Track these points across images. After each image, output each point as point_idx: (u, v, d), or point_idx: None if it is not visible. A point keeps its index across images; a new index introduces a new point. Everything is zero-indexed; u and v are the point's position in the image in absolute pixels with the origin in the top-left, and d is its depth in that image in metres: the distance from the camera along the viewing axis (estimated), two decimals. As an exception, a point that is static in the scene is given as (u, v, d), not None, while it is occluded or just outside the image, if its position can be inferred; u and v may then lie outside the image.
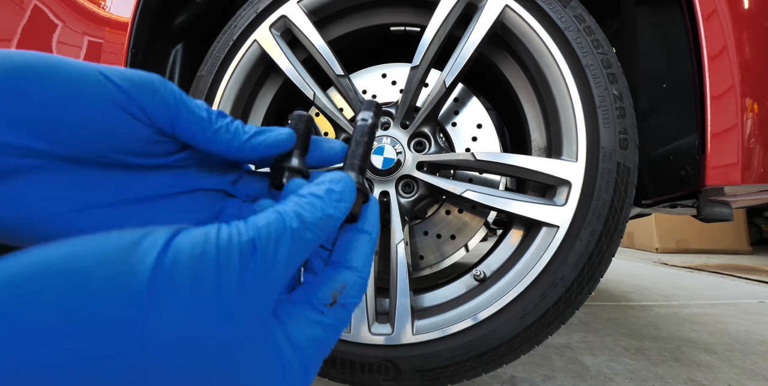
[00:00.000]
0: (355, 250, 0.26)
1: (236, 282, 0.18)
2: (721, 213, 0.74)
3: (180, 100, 0.24)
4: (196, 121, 0.24)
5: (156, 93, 0.23)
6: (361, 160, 0.29)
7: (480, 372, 0.68)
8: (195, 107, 0.25)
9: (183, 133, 0.24)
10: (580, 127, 0.67)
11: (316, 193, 0.23)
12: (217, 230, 0.19)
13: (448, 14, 0.71)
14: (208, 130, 0.25)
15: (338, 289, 0.24)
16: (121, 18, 0.84)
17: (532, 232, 0.71)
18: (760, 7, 0.68)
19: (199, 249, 0.17)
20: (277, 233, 0.20)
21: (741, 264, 3.41)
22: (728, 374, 1.06)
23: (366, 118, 0.31)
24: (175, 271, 0.16)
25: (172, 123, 0.24)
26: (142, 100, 0.23)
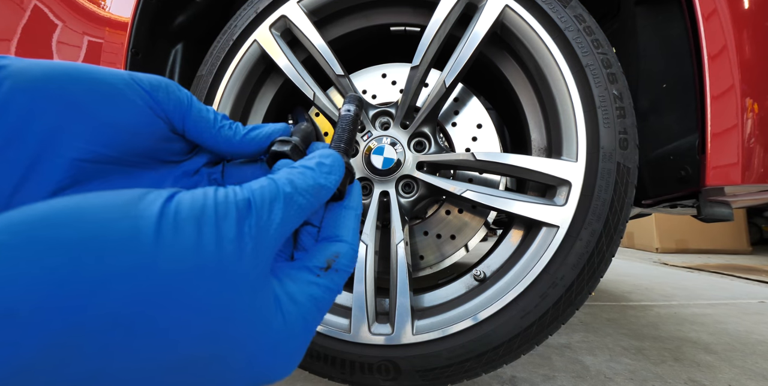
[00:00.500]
0: (344, 225, 0.28)
1: (234, 233, 0.19)
2: (721, 213, 0.74)
3: (190, 102, 0.28)
4: (203, 120, 0.28)
5: (172, 94, 0.27)
6: (346, 144, 0.31)
7: (480, 372, 0.68)
8: (202, 108, 0.28)
9: (191, 130, 0.28)
10: (580, 127, 0.67)
11: (307, 165, 0.24)
12: (215, 190, 0.20)
13: (448, 14, 0.71)
14: (213, 128, 0.28)
15: (332, 258, 0.26)
16: (121, 18, 0.84)
17: (532, 232, 0.71)
18: (760, 7, 0.68)
19: (200, 203, 0.19)
20: (271, 195, 0.21)
21: (741, 264, 3.41)
22: (728, 374, 1.06)
23: (349, 109, 0.34)
24: (178, 218, 0.17)
25: (183, 121, 0.27)
26: (162, 101, 0.26)
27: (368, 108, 0.80)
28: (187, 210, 0.18)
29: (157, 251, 0.16)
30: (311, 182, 0.23)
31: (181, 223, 0.17)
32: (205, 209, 0.18)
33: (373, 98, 0.93)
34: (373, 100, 0.93)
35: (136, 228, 0.16)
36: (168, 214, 0.17)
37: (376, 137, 0.77)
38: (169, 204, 0.18)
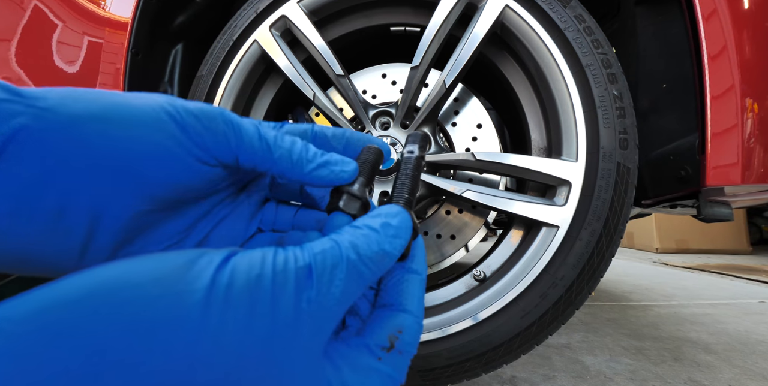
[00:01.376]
0: (408, 292, 0.24)
1: (291, 307, 0.17)
2: (721, 213, 0.74)
3: (239, 135, 0.24)
4: (259, 152, 0.24)
5: (220, 136, 0.23)
6: (410, 193, 0.27)
7: (480, 372, 0.68)
8: (254, 137, 0.24)
9: (247, 164, 0.24)
10: (580, 127, 0.67)
11: (372, 226, 0.21)
12: (274, 253, 0.18)
13: (448, 14, 0.71)
14: (268, 161, 0.24)
15: (395, 334, 0.22)
16: (121, 18, 0.84)
17: (532, 232, 0.71)
18: (760, 7, 0.68)
19: (256, 271, 0.17)
20: (333, 261, 0.19)
21: (741, 264, 3.41)
22: (728, 374, 1.06)
23: (413, 150, 0.29)
24: (230, 290, 0.16)
25: (237, 159, 0.24)
26: (211, 147, 0.23)
27: (368, 108, 0.80)
28: (241, 281, 0.16)
29: (202, 331, 0.15)
30: (376, 248, 0.20)
31: (233, 299, 0.16)
32: (262, 279, 0.17)
33: (373, 98, 0.93)
34: (373, 100, 0.93)
35: (181, 305, 0.15)
36: (219, 287, 0.16)
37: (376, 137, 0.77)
38: (221, 273, 0.16)
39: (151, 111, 0.22)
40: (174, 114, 0.22)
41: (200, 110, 0.23)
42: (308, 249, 0.19)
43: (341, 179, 0.26)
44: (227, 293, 0.16)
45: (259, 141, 0.24)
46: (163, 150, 0.22)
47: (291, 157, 0.24)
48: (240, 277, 0.16)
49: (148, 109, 0.22)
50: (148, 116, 0.22)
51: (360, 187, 0.27)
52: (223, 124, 0.23)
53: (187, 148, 0.22)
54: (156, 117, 0.22)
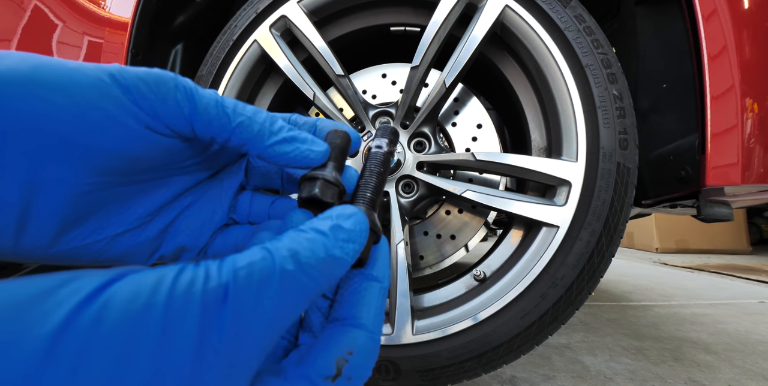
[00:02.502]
0: (364, 303, 0.21)
1: (192, 346, 0.13)
2: (721, 213, 0.74)
3: (193, 101, 0.21)
4: (212, 120, 0.21)
5: (170, 100, 0.21)
6: (373, 193, 0.24)
7: (480, 372, 0.68)
8: (210, 104, 0.21)
9: (201, 133, 0.22)
10: (580, 127, 0.67)
11: (320, 229, 0.18)
12: (177, 273, 0.14)
13: (448, 14, 0.71)
14: (227, 129, 0.22)
15: (344, 356, 0.19)
16: (121, 18, 0.84)
17: (532, 232, 0.71)
18: (760, 7, 0.68)
19: (142, 301, 0.12)
20: (262, 276, 0.15)
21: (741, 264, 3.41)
22: (728, 374, 1.06)
23: (381, 145, 0.27)
24: (94, 333, 0.12)
25: (192, 128, 0.21)
26: (161, 113, 0.21)
27: (368, 108, 0.80)
28: (115, 318, 0.12)
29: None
30: (322, 254, 0.17)
31: (94, 345, 0.11)
32: (149, 312, 0.12)
33: (373, 98, 0.93)
34: (373, 100, 0.93)
35: (13, 361, 0.11)
36: (76, 328, 0.11)
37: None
38: (87, 308, 0.12)
39: (92, 73, 0.19)
40: (118, 76, 0.20)
41: (148, 73, 0.21)
42: (229, 263, 0.15)
43: (308, 159, 0.23)
44: (88, 337, 0.11)
45: (216, 107, 0.21)
46: (104, 115, 0.19)
47: (252, 126, 0.22)
48: (114, 312, 0.12)
49: (88, 71, 0.19)
50: (86, 78, 0.19)
51: (333, 171, 0.24)
52: (174, 88, 0.21)
53: (132, 114, 0.20)
54: (96, 78, 0.19)
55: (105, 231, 0.23)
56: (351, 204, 0.22)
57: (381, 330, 0.21)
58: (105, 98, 0.19)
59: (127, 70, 0.20)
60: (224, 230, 0.28)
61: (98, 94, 0.19)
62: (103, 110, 0.19)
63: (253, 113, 0.22)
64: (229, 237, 0.28)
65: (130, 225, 0.24)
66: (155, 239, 0.25)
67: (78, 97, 0.19)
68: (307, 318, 0.22)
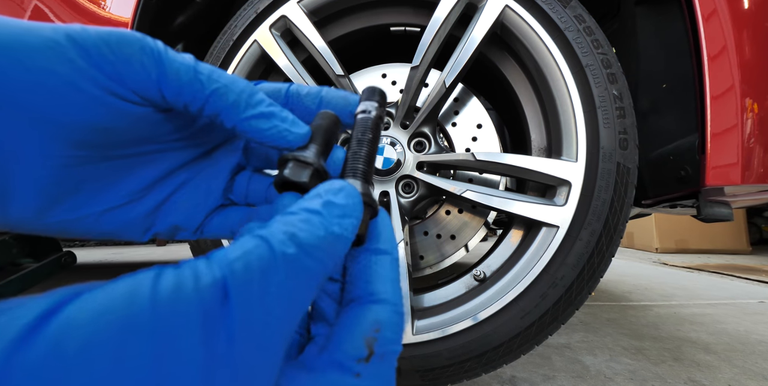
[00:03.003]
0: (378, 277, 0.19)
1: (199, 368, 0.11)
2: (721, 213, 0.74)
3: (159, 59, 0.19)
4: (183, 86, 0.19)
5: (136, 63, 0.19)
6: (365, 163, 0.22)
7: (480, 372, 0.68)
8: (180, 69, 0.19)
9: (172, 100, 0.20)
10: (580, 127, 0.67)
11: (311, 208, 0.16)
12: (154, 277, 0.11)
13: (448, 14, 0.71)
14: (200, 97, 0.20)
15: (371, 334, 0.17)
16: (121, 18, 0.84)
17: (532, 232, 0.71)
18: (760, 7, 0.68)
19: (116, 320, 0.10)
20: (262, 265, 0.13)
21: (741, 264, 3.41)
22: (728, 374, 1.06)
23: (368, 109, 0.23)
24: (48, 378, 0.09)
25: (160, 91, 0.19)
26: (127, 78, 0.19)
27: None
28: (77, 347, 0.09)
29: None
30: (322, 233, 0.16)
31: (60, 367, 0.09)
32: (131, 330, 0.10)
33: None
34: (373, 100, 0.93)
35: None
36: (9, 369, 0.09)
37: (376, 137, 0.77)
38: (42, 331, 0.09)
39: (46, 33, 0.17)
40: (76, 37, 0.18)
41: (110, 33, 0.18)
42: (219, 257, 0.13)
43: (285, 140, 0.21)
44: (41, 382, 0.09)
45: (188, 72, 0.19)
46: (61, 80, 0.17)
47: (227, 95, 0.20)
48: (74, 341, 0.09)
49: (42, 31, 0.17)
50: (38, 38, 0.17)
51: (312, 152, 0.21)
52: (140, 50, 0.19)
53: (93, 78, 0.18)
54: (50, 39, 0.17)
55: (93, 206, 0.22)
56: (340, 179, 0.20)
57: (402, 301, 0.20)
58: (61, 61, 0.17)
59: (87, 30, 0.18)
60: (221, 211, 0.27)
61: (53, 56, 0.17)
62: (59, 75, 0.17)
63: (230, 81, 0.20)
64: (226, 219, 0.27)
65: (119, 201, 0.23)
66: (148, 216, 0.25)
67: (28, 60, 0.17)
68: (317, 307, 0.21)
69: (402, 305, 0.19)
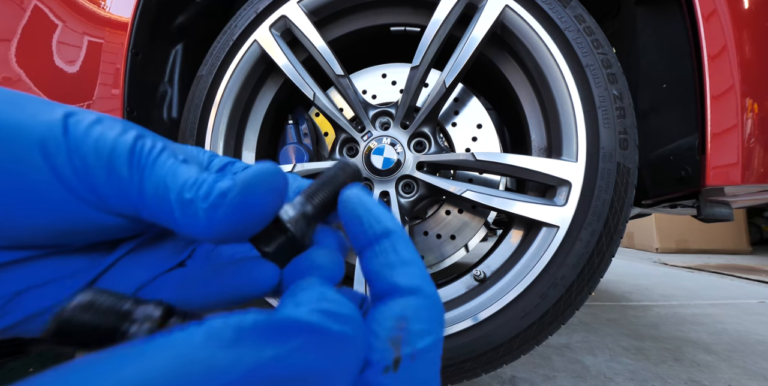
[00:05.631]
0: (385, 267, 0.17)
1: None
2: (721, 213, 0.74)
3: (141, 188, 0.17)
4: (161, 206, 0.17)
5: (114, 178, 0.16)
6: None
7: (480, 372, 0.68)
8: (159, 186, 0.17)
9: (146, 215, 0.17)
10: (580, 127, 0.67)
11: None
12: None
13: (448, 14, 0.71)
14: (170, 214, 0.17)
15: (396, 332, 0.15)
16: (121, 18, 0.84)
17: (532, 232, 0.71)
18: (760, 7, 0.68)
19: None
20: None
21: (741, 264, 3.41)
22: (728, 374, 1.06)
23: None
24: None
25: (137, 212, 0.17)
26: (105, 195, 0.17)
27: (368, 108, 0.80)
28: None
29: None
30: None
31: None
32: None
33: (373, 98, 0.93)
34: (373, 100, 0.93)
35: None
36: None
37: (376, 137, 0.77)
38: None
39: (42, 129, 0.16)
40: (46, 141, 0.16)
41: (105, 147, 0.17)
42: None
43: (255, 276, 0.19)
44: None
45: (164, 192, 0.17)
46: (39, 179, 0.16)
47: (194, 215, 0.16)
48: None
49: (40, 124, 0.16)
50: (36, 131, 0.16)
51: (294, 213, 0.19)
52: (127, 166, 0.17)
53: (74, 188, 0.16)
54: (44, 137, 0.16)
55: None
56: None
57: (428, 281, 0.17)
58: (41, 162, 0.16)
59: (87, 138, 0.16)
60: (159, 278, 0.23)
61: (35, 154, 0.16)
62: (36, 173, 0.16)
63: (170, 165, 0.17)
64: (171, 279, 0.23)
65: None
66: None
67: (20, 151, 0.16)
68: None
69: (430, 286, 0.16)
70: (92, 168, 0.16)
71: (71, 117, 0.17)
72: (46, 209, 0.16)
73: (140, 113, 0.87)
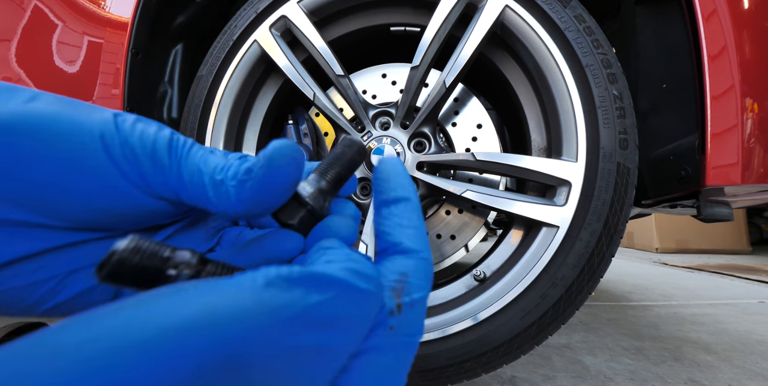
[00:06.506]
0: (396, 227, 0.20)
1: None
2: (721, 213, 0.74)
3: (180, 171, 0.20)
4: (196, 189, 0.20)
5: (158, 170, 0.20)
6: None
7: (480, 372, 0.68)
8: (194, 171, 0.20)
9: (186, 198, 0.21)
10: (580, 127, 0.67)
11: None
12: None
13: (448, 14, 0.71)
14: (205, 196, 0.20)
15: (398, 284, 0.18)
16: (121, 18, 0.84)
17: (532, 232, 0.71)
18: (760, 7, 0.68)
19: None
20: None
21: (741, 264, 3.41)
22: (728, 374, 1.06)
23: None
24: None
25: (178, 195, 0.20)
26: (156, 186, 0.20)
27: (368, 108, 0.80)
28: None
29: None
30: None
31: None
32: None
33: (373, 98, 0.93)
34: (373, 100, 0.93)
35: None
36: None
37: (376, 137, 0.77)
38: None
39: (87, 125, 0.19)
40: (105, 134, 0.19)
41: (149, 144, 0.20)
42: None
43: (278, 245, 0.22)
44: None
45: (200, 175, 0.20)
46: (95, 163, 0.19)
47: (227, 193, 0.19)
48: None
49: (82, 121, 0.19)
50: (78, 127, 0.19)
51: (312, 188, 0.22)
52: (167, 157, 0.20)
53: (127, 179, 0.20)
54: (87, 130, 0.19)
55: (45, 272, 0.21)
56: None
57: (427, 246, 0.20)
58: (97, 150, 0.19)
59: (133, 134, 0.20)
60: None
61: (91, 145, 0.19)
62: (92, 158, 0.19)
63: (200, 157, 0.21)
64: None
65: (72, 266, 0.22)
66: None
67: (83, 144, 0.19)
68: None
69: (427, 250, 0.20)
70: (140, 156, 0.19)
71: (119, 116, 0.20)
72: (105, 192, 0.19)
73: (140, 113, 0.87)
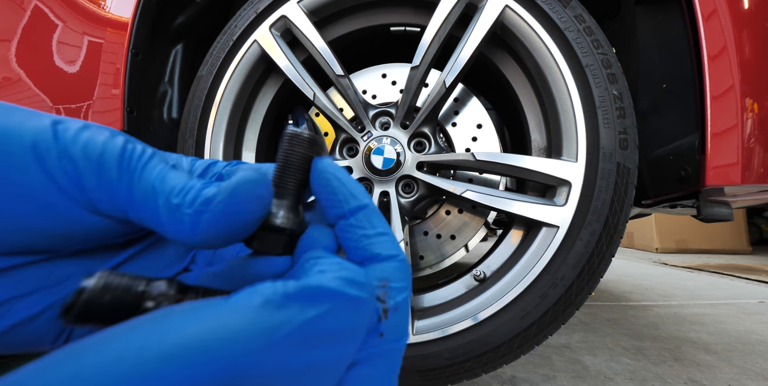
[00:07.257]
0: (362, 237, 0.20)
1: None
2: (721, 213, 0.74)
3: (130, 188, 0.18)
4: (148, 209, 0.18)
5: (105, 182, 0.17)
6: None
7: (480, 372, 0.68)
8: (148, 189, 0.18)
9: (135, 218, 0.18)
10: (580, 128, 0.67)
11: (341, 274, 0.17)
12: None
13: (448, 14, 0.71)
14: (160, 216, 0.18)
15: (381, 290, 0.18)
16: (121, 18, 0.84)
17: (532, 232, 0.71)
18: (760, 7, 0.68)
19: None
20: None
21: (741, 264, 3.41)
22: (728, 374, 1.06)
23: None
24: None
25: (126, 213, 0.18)
26: (100, 205, 0.18)
27: (368, 108, 0.80)
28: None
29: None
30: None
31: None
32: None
33: (373, 98, 0.93)
34: (373, 100, 0.93)
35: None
36: None
37: (376, 137, 0.77)
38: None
39: (21, 136, 0.17)
40: (39, 145, 0.17)
41: (95, 151, 0.18)
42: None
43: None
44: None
45: (153, 194, 0.18)
46: (32, 179, 0.17)
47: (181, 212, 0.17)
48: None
49: (26, 133, 0.17)
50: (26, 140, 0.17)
51: (283, 212, 0.20)
52: (117, 168, 0.18)
53: (64, 193, 0.17)
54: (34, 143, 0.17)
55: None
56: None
57: (399, 247, 0.20)
58: (35, 164, 0.17)
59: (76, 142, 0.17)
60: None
61: (30, 158, 0.17)
62: (30, 174, 0.17)
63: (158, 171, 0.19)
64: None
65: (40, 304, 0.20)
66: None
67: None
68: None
69: (401, 252, 0.20)
70: (82, 169, 0.17)
71: (59, 124, 0.18)
72: (40, 210, 0.17)
73: (140, 113, 0.87)
